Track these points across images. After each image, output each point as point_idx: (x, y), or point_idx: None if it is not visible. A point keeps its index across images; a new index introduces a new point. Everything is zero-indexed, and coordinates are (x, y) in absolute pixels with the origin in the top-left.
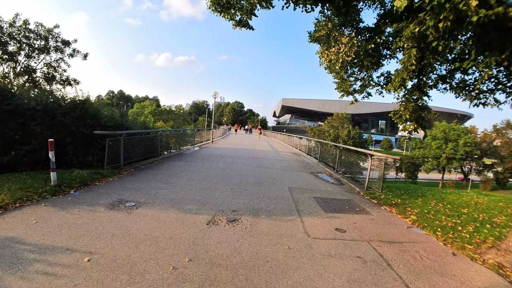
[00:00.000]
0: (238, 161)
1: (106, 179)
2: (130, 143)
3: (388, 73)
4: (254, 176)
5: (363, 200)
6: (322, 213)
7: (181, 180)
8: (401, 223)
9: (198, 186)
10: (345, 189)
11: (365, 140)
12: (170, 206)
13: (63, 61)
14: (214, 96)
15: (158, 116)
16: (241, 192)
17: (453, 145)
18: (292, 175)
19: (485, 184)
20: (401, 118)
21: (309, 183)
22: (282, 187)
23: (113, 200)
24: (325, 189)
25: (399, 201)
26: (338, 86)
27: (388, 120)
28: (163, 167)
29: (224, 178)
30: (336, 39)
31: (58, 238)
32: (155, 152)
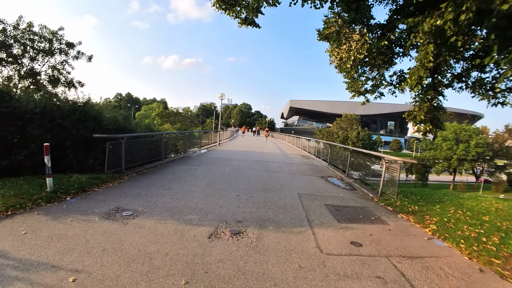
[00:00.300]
0: (245, 165)
1: (105, 185)
2: (133, 147)
3: (401, 71)
4: (262, 181)
5: (378, 208)
6: (335, 223)
7: (184, 186)
8: (420, 234)
9: (201, 192)
10: (358, 195)
11: (375, 142)
12: (169, 216)
13: (67, 63)
14: (221, 97)
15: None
16: (247, 200)
17: (464, 146)
18: (302, 179)
19: (497, 186)
20: (415, 119)
21: (319, 188)
22: (291, 193)
23: (110, 209)
24: (337, 195)
25: (416, 208)
26: (349, 86)
27: (397, 121)
28: (167, 172)
29: (229, 183)
30: (346, 36)
31: (45, 253)
32: (159, 156)
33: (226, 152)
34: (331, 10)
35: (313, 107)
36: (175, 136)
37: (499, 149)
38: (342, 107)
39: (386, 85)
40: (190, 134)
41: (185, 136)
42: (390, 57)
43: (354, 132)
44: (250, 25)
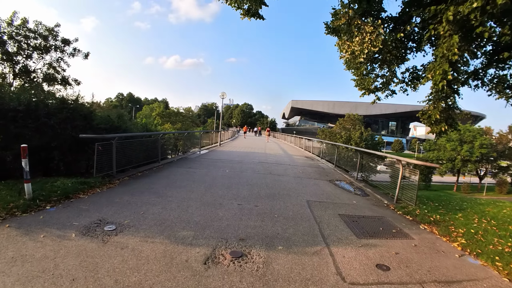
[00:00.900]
0: (247, 167)
1: (93, 190)
2: (127, 148)
3: (414, 68)
4: (266, 186)
5: (396, 217)
6: (353, 239)
7: (179, 193)
8: (450, 250)
9: (199, 201)
10: (371, 202)
11: (378, 142)
12: (159, 232)
13: (62, 60)
14: (221, 96)
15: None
16: (250, 210)
17: (468, 147)
18: (309, 184)
19: (501, 187)
20: (430, 118)
21: (329, 194)
22: (300, 200)
23: (91, 221)
24: (350, 203)
25: (438, 217)
26: (358, 83)
27: (399, 121)
28: (162, 175)
29: (230, 189)
30: (359, 28)
31: (2, 282)
32: (156, 157)
33: (227, 153)
34: (340, 2)
35: (314, 107)
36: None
37: (503, 150)
38: (343, 107)
39: (398, 82)
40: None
41: (184, 137)
42: (402, 53)
43: (357, 132)
44: (253, 17)
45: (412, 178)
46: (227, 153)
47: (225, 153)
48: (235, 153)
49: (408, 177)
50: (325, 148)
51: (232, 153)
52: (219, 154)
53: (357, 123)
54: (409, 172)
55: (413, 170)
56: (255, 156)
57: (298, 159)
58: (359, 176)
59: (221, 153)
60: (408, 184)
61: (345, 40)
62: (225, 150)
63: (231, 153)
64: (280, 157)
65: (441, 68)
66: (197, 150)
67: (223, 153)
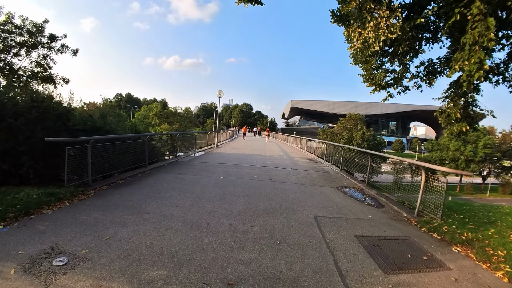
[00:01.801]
0: (245, 172)
1: (61, 203)
2: (110, 151)
3: (430, 61)
4: (266, 197)
5: (422, 236)
6: (380, 275)
7: (160, 207)
8: (497, 284)
9: (181, 219)
10: (389, 216)
11: (380, 142)
12: (120, 271)
13: (49, 57)
14: (219, 95)
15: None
16: (245, 234)
17: (472, 147)
18: (315, 193)
19: (504, 188)
20: (449, 117)
21: (340, 206)
22: (306, 216)
23: (41, 250)
24: (365, 217)
25: (470, 235)
26: (367, 79)
27: (399, 121)
28: (147, 183)
29: (223, 202)
30: (371, 12)
31: None
32: (142, 161)
33: (224, 156)
34: None
35: (314, 107)
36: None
37: (507, 149)
38: (343, 107)
39: (411, 77)
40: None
41: (177, 138)
42: (417, 44)
43: (359, 132)
44: (250, 2)
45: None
46: (223, 156)
47: (222, 156)
48: (232, 156)
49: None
50: (329, 150)
51: (229, 156)
52: (215, 156)
53: (359, 123)
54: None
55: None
56: (253, 159)
57: (300, 161)
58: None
59: (217, 155)
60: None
61: (356, 27)
62: (222, 152)
63: (228, 156)
64: (280, 160)
65: (476, 56)
66: (191, 153)
67: (220, 155)
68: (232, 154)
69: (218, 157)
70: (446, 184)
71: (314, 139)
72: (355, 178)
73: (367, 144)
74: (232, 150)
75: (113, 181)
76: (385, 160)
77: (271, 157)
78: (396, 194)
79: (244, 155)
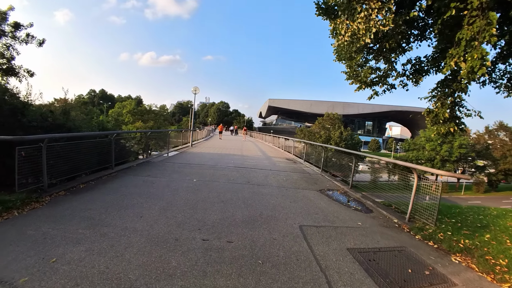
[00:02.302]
0: (221, 175)
1: (9, 213)
2: (71, 151)
3: (417, 59)
4: (244, 203)
5: (418, 246)
6: None
7: (122, 218)
8: None
9: (145, 234)
10: (379, 221)
11: (357, 142)
12: None
13: (12, 47)
14: (194, 91)
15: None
16: (221, 251)
17: (447, 147)
18: (297, 197)
19: (478, 186)
20: (437, 117)
21: (326, 213)
22: (290, 226)
23: None
24: (354, 225)
25: (467, 242)
26: (351, 76)
27: (375, 121)
28: (111, 188)
29: (195, 210)
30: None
31: None
32: (109, 163)
33: (199, 156)
34: None
35: (292, 106)
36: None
37: (481, 150)
38: (320, 106)
39: (397, 75)
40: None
41: (148, 136)
42: (404, 41)
43: (337, 132)
44: None
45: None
46: (198, 156)
47: (196, 156)
48: (208, 156)
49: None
50: (309, 150)
51: (205, 156)
52: (189, 156)
53: (337, 122)
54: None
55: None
56: (230, 159)
57: (279, 162)
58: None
59: (191, 155)
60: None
61: (344, 19)
62: (197, 152)
63: (203, 156)
64: (259, 160)
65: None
66: (164, 152)
67: (194, 155)
68: (207, 154)
69: (192, 157)
70: (441, 188)
71: (293, 138)
72: (338, 180)
73: (345, 144)
74: (208, 150)
75: (74, 185)
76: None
77: (249, 157)
78: (376, 193)
79: (220, 155)
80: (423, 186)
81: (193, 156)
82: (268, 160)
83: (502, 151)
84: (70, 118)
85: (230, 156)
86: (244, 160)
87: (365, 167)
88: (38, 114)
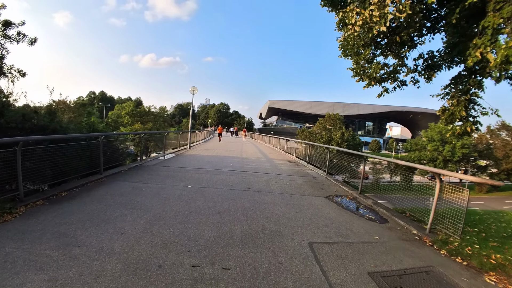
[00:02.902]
0: (218, 180)
1: None
2: (55, 155)
3: (431, 53)
4: (243, 214)
5: (445, 263)
6: None
7: (100, 235)
8: None
9: (124, 257)
10: (397, 234)
11: (359, 143)
12: None
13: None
14: (192, 91)
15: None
16: (215, 283)
17: (450, 147)
18: (303, 205)
19: (481, 187)
20: (453, 116)
21: (337, 224)
22: (298, 244)
23: None
24: (371, 239)
25: (499, 257)
26: (357, 72)
27: (375, 121)
28: (95, 196)
29: (186, 225)
30: None
31: None
32: (97, 167)
33: (196, 158)
34: None
35: (292, 107)
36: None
37: (483, 149)
38: (321, 107)
39: (408, 71)
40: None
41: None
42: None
43: (338, 132)
44: None
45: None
46: (196, 158)
47: (194, 158)
48: (206, 158)
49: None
50: (312, 152)
51: (202, 158)
52: (186, 159)
53: (338, 123)
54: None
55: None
56: (229, 161)
57: (280, 164)
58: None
59: (188, 158)
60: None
61: (354, 7)
62: (195, 154)
63: (200, 158)
64: (259, 163)
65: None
66: (160, 155)
67: (191, 158)
68: (205, 157)
69: (189, 160)
70: (468, 195)
71: (294, 139)
72: (345, 184)
73: (347, 145)
74: (206, 152)
75: (54, 193)
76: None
77: (249, 160)
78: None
79: (219, 157)
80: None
81: (190, 158)
82: (269, 163)
83: (504, 151)
84: (56, 119)
85: (229, 159)
86: (244, 163)
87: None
88: (20, 115)
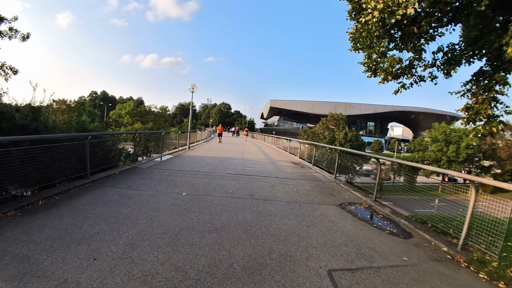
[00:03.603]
0: (217, 185)
1: None
2: (39, 156)
3: (452, 45)
4: (246, 231)
5: None
6: None
7: (68, 261)
8: None
9: None
10: (426, 252)
11: (362, 143)
12: None
13: None
14: (191, 89)
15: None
16: None
17: (454, 147)
18: (315, 217)
19: (484, 187)
20: (478, 115)
21: (356, 242)
22: (315, 274)
23: None
24: (399, 262)
25: None
26: (370, 68)
27: (377, 121)
28: (75, 206)
29: (176, 248)
30: None
31: None
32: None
33: (195, 160)
34: None
35: (293, 107)
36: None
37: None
38: (322, 107)
39: (426, 66)
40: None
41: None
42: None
43: (341, 132)
44: None
45: (486, 207)
46: (194, 160)
47: (192, 160)
48: (205, 160)
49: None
50: (318, 153)
51: (201, 160)
52: (184, 161)
53: (341, 123)
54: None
55: (486, 195)
56: (230, 163)
57: (285, 166)
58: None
59: (186, 159)
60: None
61: None
62: (194, 155)
63: (199, 160)
64: (262, 165)
65: None
66: (157, 156)
67: (190, 159)
68: (205, 158)
69: (187, 162)
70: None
71: (298, 140)
72: (356, 189)
73: (350, 145)
74: (206, 153)
75: (31, 201)
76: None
77: (251, 161)
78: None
79: (219, 158)
80: (481, 204)
81: (188, 160)
82: (273, 165)
83: (508, 151)
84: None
85: (230, 160)
86: (246, 165)
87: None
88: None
